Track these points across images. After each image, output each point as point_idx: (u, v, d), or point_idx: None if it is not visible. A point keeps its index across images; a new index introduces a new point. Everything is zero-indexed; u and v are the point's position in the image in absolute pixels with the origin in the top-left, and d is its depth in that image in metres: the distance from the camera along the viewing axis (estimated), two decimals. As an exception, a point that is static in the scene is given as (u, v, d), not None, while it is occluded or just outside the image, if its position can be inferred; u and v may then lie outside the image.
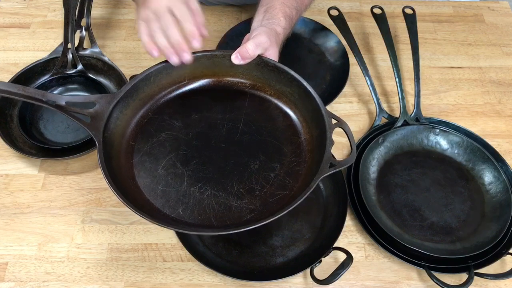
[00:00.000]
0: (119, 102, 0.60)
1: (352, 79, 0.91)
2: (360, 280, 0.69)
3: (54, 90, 0.85)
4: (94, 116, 0.58)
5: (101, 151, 0.55)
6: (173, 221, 0.56)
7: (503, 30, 1.01)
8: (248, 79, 0.68)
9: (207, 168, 0.61)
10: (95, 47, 0.88)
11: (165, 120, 0.65)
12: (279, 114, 0.66)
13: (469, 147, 0.78)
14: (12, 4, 1.01)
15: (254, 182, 0.60)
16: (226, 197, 0.58)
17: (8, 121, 0.81)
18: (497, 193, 0.74)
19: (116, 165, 0.58)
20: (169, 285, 0.68)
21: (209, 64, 0.66)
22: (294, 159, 0.61)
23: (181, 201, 0.58)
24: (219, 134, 0.64)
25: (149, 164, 0.61)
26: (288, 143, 0.63)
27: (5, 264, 0.69)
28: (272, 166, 0.61)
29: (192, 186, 0.59)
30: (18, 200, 0.75)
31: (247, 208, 0.57)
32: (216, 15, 1.01)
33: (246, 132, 0.64)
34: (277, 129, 0.65)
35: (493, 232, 0.70)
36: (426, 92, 0.90)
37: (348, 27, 0.88)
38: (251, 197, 0.58)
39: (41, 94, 0.57)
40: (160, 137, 0.63)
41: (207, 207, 0.57)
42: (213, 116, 0.66)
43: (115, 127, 0.61)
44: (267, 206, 0.57)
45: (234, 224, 0.56)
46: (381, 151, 0.79)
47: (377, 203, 0.74)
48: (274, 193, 0.59)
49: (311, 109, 0.62)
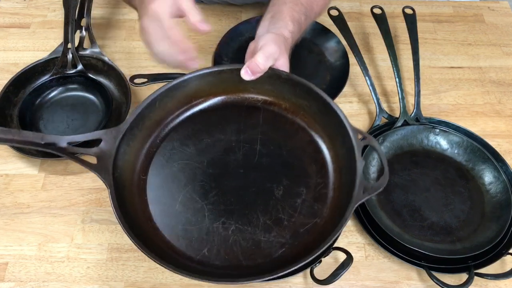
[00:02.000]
0: (125, 135, 0.56)
1: (352, 79, 0.91)
2: (360, 280, 0.69)
3: (54, 90, 0.85)
4: (100, 155, 0.53)
5: (114, 194, 0.51)
6: (199, 264, 0.52)
7: (503, 30, 1.01)
8: (260, 93, 0.63)
9: (228, 200, 0.56)
10: (95, 47, 0.88)
11: (176, 148, 0.61)
12: (297, 130, 0.61)
13: (469, 147, 0.78)
14: (12, 4, 1.01)
15: (281, 211, 0.55)
16: (252, 231, 0.54)
17: (8, 121, 0.81)
18: (497, 193, 0.74)
19: (131, 206, 0.54)
20: (169, 285, 0.68)
21: (217, 81, 0.62)
22: (320, 181, 0.57)
23: (205, 240, 0.53)
24: (235, 158, 0.59)
25: (165, 201, 0.56)
26: (311, 163, 0.59)
27: (5, 264, 0.69)
28: (298, 190, 0.56)
29: (214, 222, 0.55)
30: (18, 200, 0.75)
31: (277, 241, 0.53)
32: (216, 15, 1.01)
33: (265, 154, 0.60)
34: (297, 147, 0.60)
35: (493, 232, 0.70)
36: (426, 92, 0.90)
37: (348, 27, 0.88)
38: (279, 228, 0.54)
39: (40, 137, 0.51)
40: (173, 168, 0.59)
41: (234, 245, 0.53)
42: (227, 138, 0.61)
43: (124, 163, 0.56)
44: (298, 238, 0.53)
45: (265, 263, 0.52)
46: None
47: (377, 203, 0.74)
48: (303, 222, 0.54)
49: (334, 124, 0.58)
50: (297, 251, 0.50)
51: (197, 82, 0.61)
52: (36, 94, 0.84)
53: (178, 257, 0.52)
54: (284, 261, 0.49)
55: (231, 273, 0.51)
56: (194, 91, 0.62)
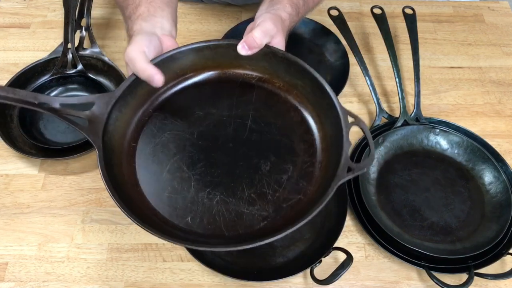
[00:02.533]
0: (118, 101, 0.56)
1: (352, 79, 0.91)
2: (360, 280, 0.69)
3: (54, 90, 0.85)
4: (92, 119, 0.54)
5: (102, 157, 0.51)
6: (181, 232, 0.52)
7: (503, 30, 1.01)
8: (255, 70, 0.63)
9: (215, 171, 0.57)
10: (95, 47, 0.88)
11: (168, 118, 0.61)
12: (289, 109, 0.62)
13: (469, 147, 0.78)
14: (12, 4, 1.01)
15: (266, 185, 0.56)
16: (236, 203, 0.55)
17: (8, 121, 0.81)
18: (497, 193, 0.74)
19: (118, 171, 0.54)
20: (169, 285, 0.68)
21: (213, 55, 0.62)
22: (307, 159, 0.58)
23: (189, 208, 0.54)
24: (226, 132, 0.60)
25: (152, 168, 0.57)
26: (300, 141, 0.59)
27: (5, 264, 0.69)
28: (284, 167, 0.57)
29: (200, 192, 0.55)
30: (18, 200, 0.75)
31: (260, 215, 0.54)
32: (216, 15, 1.01)
33: (255, 130, 0.60)
34: (287, 126, 0.60)
35: (493, 232, 0.70)
36: (426, 92, 0.90)
37: (348, 27, 0.88)
38: (263, 202, 0.55)
39: (33, 97, 0.52)
40: (163, 137, 0.59)
41: (217, 214, 0.54)
42: (219, 112, 0.62)
43: (115, 129, 0.56)
44: (280, 212, 0.54)
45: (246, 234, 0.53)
46: (381, 151, 0.79)
47: (377, 203, 0.74)
48: (287, 198, 0.55)
49: (325, 105, 0.58)
50: (279, 225, 0.51)
51: (193, 55, 0.61)
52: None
53: (162, 223, 0.52)
54: (264, 233, 0.50)
55: (212, 241, 0.52)
56: (190, 63, 0.62)
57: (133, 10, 0.65)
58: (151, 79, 0.57)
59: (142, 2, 0.64)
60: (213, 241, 0.52)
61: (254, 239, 0.48)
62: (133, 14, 0.64)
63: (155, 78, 0.57)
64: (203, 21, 1.00)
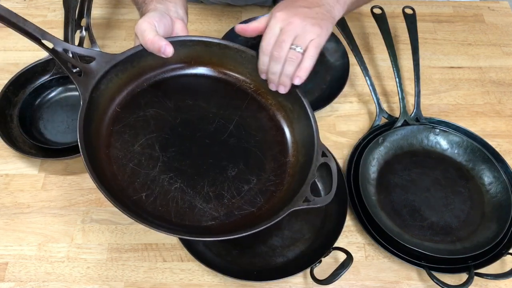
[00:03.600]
0: (118, 64, 0.57)
1: (352, 79, 0.91)
2: (360, 280, 0.69)
3: (54, 90, 0.85)
4: (88, 72, 0.55)
5: (84, 111, 0.52)
6: (132, 204, 0.53)
7: (503, 30, 1.01)
8: (254, 81, 0.65)
9: (184, 160, 0.58)
10: (95, 47, 0.88)
11: (158, 97, 0.62)
12: (273, 126, 0.64)
13: (469, 147, 0.78)
14: (12, 4, 1.01)
15: (226, 189, 0.57)
16: (193, 195, 0.56)
17: (8, 121, 0.81)
18: (497, 193, 0.74)
19: (96, 128, 0.55)
20: (169, 285, 0.68)
21: (220, 54, 0.64)
22: (272, 178, 0.59)
23: (147, 185, 0.55)
24: (207, 128, 0.61)
25: (127, 137, 0.58)
26: (272, 160, 0.61)
27: (5, 264, 0.69)
28: (249, 178, 0.58)
29: (163, 174, 0.56)
30: (18, 200, 0.75)
31: (210, 214, 0.55)
32: (216, 15, 1.01)
33: (234, 135, 0.62)
34: (265, 142, 0.62)
35: (493, 232, 0.70)
36: (426, 92, 0.90)
37: (348, 27, 0.88)
38: (218, 203, 0.56)
39: (40, 34, 0.54)
40: (148, 113, 0.60)
41: (171, 200, 0.55)
42: (208, 107, 0.63)
43: (106, 89, 0.57)
44: (230, 218, 0.55)
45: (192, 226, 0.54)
46: (381, 151, 0.79)
47: (377, 203, 0.74)
48: (241, 207, 0.56)
49: (306, 134, 0.60)
50: (224, 229, 0.52)
51: (202, 47, 0.62)
52: (36, 94, 0.84)
53: (117, 190, 0.53)
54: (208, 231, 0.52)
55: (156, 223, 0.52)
56: (197, 54, 0.64)
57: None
58: (162, 49, 0.57)
59: None
60: (157, 222, 0.53)
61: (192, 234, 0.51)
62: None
63: (167, 48, 0.58)
64: (203, 21, 1.00)
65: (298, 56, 0.57)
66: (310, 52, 0.57)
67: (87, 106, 0.53)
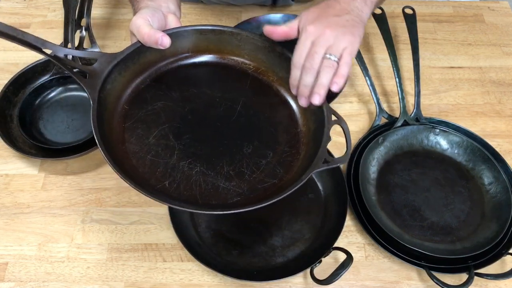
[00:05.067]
0: (119, 63, 0.59)
1: (352, 79, 0.91)
2: (360, 280, 0.69)
3: (54, 90, 0.85)
4: (92, 73, 0.56)
5: (95, 110, 0.54)
6: (157, 192, 0.54)
7: (503, 30, 1.01)
8: (252, 61, 0.67)
9: (199, 145, 0.59)
10: (95, 47, 0.88)
11: (163, 89, 0.63)
12: (279, 101, 0.65)
13: (469, 147, 0.78)
14: (12, 4, 1.01)
15: (245, 166, 0.58)
16: (214, 176, 0.57)
17: (8, 121, 0.81)
18: (497, 193, 0.74)
19: (108, 127, 0.57)
20: (169, 285, 0.68)
21: (216, 40, 0.65)
22: (287, 149, 0.60)
23: (168, 173, 0.56)
24: (215, 112, 0.63)
25: (140, 132, 0.59)
26: (284, 132, 0.62)
27: (5, 264, 0.69)
28: (265, 152, 0.60)
29: (181, 161, 0.58)
30: (18, 200, 0.75)
31: (234, 191, 0.56)
32: (216, 15, 1.01)
33: (243, 115, 0.63)
34: (274, 116, 0.64)
35: (493, 232, 0.70)
36: (426, 92, 0.90)
37: (348, 27, 0.88)
38: (239, 180, 0.57)
39: (41, 43, 0.56)
40: (156, 106, 0.62)
41: (194, 183, 0.56)
42: (212, 93, 0.64)
43: (112, 88, 0.59)
44: (254, 192, 0.56)
45: (219, 205, 0.55)
46: (381, 151, 0.79)
47: (377, 203, 0.74)
48: (263, 180, 0.58)
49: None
50: (250, 202, 0.53)
51: (198, 35, 0.63)
52: (36, 94, 0.84)
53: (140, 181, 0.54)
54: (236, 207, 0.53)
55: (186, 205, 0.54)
56: (193, 43, 0.65)
57: None
58: (159, 41, 0.59)
59: None
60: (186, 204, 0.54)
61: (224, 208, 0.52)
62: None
63: (163, 39, 0.59)
64: (203, 21, 1.00)
65: (333, 64, 0.58)
66: (345, 59, 0.58)
67: (97, 105, 0.54)
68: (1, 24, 0.54)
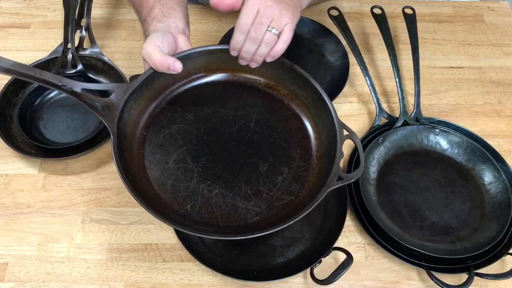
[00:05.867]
0: (134, 92, 0.60)
1: (352, 79, 0.91)
2: (360, 280, 0.69)
3: (54, 90, 0.85)
4: (109, 105, 0.58)
5: (115, 142, 0.55)
6: (180, 217, 0.56)
7: (503, 30, 1.01)
8: (263, 77, 0.68)
9: (217, 166, 0.61)
10: (95, 47, 0.88)
11: (178, 112, 0.65)
12: (291, 115, 0.66)
13: (469, 147, 0.78)
14: (12, 4, 1.01)
15: (262, 184, 0.60)
16: (233, 197, 0.59)
17: (8, 121, 0.81)
18: (497, 193, 0.74)
19: (129, 156, 0.58)
20: (169, 285, 0.68)
21: (225, 58, 0.66)
22: (302, 164, 0.62)
23: (189, 197, 0.58)
24: (230, 131, 0.64)
25: (160, 157, 0.61)
26: (297, 147, 0.63)
27: (5, 264, 0.69)
28: (280, 169, 0.61)
29: (201, 183, 0.59)
30: (18, 200, 0.75)
31: (253, 210, 0.58)
32: (216, 15, 1.01)
33: (257, 132, 0.64)
34: (287, 131, 0.65)
35: (493, 232, 0.70)
36: (426, 92, 0.90)
37: (348, 27, 0.88)
38: (257, 199, 0.59)
39: (58, 79, 0.57)
40: (172, 129, 0.63)
41: (214, 206, 0.58)
42: (226, 112, 0.66)
43: (129, 117, 0.60)
44: (272, 210, 0.58)
45: (240, 226, 0.56)
46: (381, 151, 0.79)
47: (377, 203, 0.74)
48: (280, 198, 0.59)
49: (324, 116, 0.62)
50: (270, 221, 0.55)
51: (208, 56, 0.65)
52: (36, 94, 0.84)
53: (163, 208, 0.56)
54: (256, 228, 0.54)
55: (208, 230, 0.56)
56: (204, 64, 0.66)
57: (148, 13, 0.68)
58: (171, 67, 0.60)
59: (156, 5, 0.67)
60: (209, 229, 0.55)
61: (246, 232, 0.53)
62: (148, 16, 0.67)
63: (175, 64, 0.60)
64: (203, 21, 1.00)
65: (274, 38, 0.60)
66: (285, 36, 0.60)
67: (117, 137, 0.56)
68: (20, 65, 0.55)
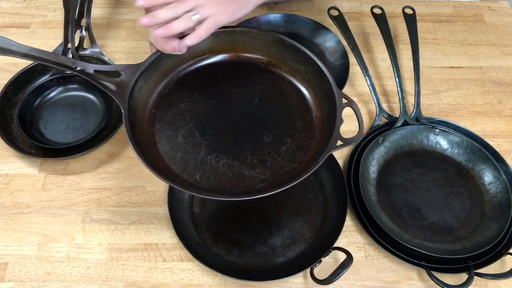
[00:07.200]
0: (143, 72, 0.63)
1: (352, 79, 0.91)
2: (360, 280, 0.69)
3: (54, 90, 0.85)
4: (120, 85, 0.62)
5: (127, 117, 0.59)
6: (190, 186, 0.59)
7: (503, 30, 1.01)
8: (265, 55, 0.71)
9: (223, 139, 0.64)
10: (95, 47, 0.88)
11: (185, 91, 0.68)
12: (293, 91, 0.69)
13: (469, 147, 0.78)
14: (12, 4, 1.01)
15: (266, 154, 0.63)
16: (239, 166, 0.62)
17: (8, 121, 0.81)
18: (497, 193, 0.74)
19: (139, 131, 0.62)
20: (169, 285, 0.68)
21: (228, 39, 0.69)
22: (304, 135, 0.64)
23: (198, 168, 0.61)
24: (235, 107, 0.67)
25: (169, 132, 0.64)
26: (300, 119, 0.66)
27: (5, 264, 0.69)
28: (284, 140, 0.64)
29: (209, 155, 0.62)
30: (18, 200, 0.75)
31: (259, 177, 0.61)
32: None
33: (261, 107, 0.67)
34: (290, 105, 0.67)
35: (493, 232, 0.70)
36: (426, 92, 0.90)
37: (348, 27, 0.88)
38: (263, 167, 0.62)
39: (71, 62, 0.62)
40: (180, 107, 0.66)
41: (222, 174, 0.61)
42: (230, 89, 0.69)
43: (139, 96, 0.64)
44: (277, 177, 0.61)
45: (246, 191, 0.59)
46: (381, 151, 0.79)
47: (377, 203, 0.74)
48: (284, 165, 0.62)
49: (324, 88, 0.65)
50: (274, 187, 0.57)
51: (211, 37, 0.66)
52: (36, 94, 0.84)
53: (174, 178, 0.60)
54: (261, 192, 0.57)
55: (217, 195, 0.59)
56: (208, 46, 0.69)
57: None
58: (177, 48, 0.62)
59: None
60: (217, 194, 0.59)
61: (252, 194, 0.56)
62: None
63: (180, 45, 0.62)
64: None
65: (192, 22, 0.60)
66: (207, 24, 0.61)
67: (128, 113, 0.59)
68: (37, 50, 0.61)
